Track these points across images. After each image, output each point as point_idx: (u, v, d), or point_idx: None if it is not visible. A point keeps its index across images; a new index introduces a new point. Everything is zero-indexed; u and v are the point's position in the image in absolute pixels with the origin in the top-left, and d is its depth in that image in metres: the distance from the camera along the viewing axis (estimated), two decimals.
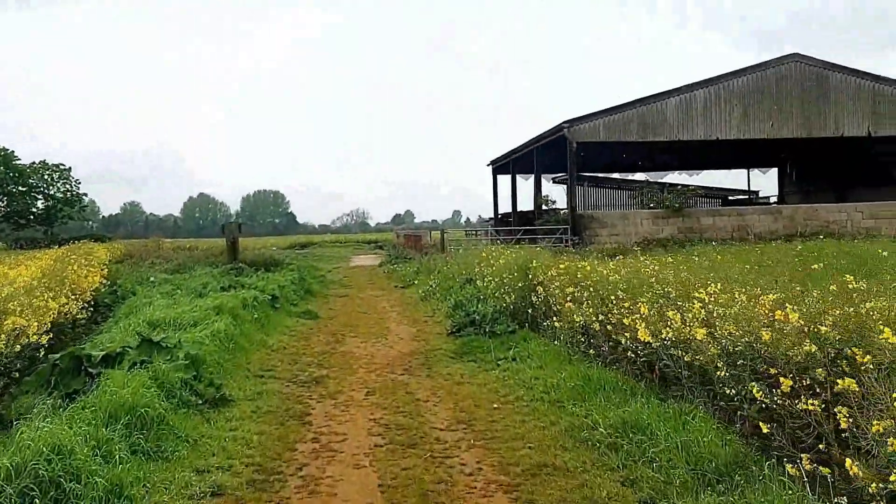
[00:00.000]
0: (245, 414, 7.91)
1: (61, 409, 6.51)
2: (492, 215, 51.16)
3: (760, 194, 54.94)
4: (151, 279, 19.68)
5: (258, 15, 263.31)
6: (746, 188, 55.11)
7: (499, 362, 10.50)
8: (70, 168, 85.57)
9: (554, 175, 52.61)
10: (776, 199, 50.76)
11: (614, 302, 8.79)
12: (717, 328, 6.59)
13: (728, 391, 6.08)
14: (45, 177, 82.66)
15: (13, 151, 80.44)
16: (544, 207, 38.22)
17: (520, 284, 13.49)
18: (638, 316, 7.65)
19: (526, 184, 47.20)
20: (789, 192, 49.85)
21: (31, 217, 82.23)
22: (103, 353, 7.89)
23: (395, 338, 13.70)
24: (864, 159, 39.75)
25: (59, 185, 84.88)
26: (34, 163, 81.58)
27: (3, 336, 7.57)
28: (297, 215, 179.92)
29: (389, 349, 12.50)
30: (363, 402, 8.67)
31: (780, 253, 19.39)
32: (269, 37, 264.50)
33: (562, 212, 38.23)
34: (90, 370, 7.58)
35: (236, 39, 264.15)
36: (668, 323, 7.10)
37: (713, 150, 42.05)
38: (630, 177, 54.28)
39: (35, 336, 8.14)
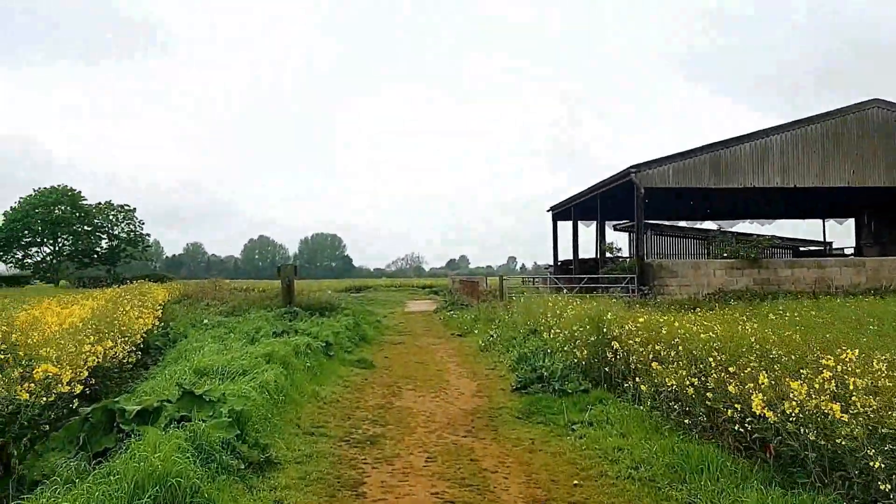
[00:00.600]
0: (292, 481, 6.99)
1: (86, 474, 5.71)
2: (550, 262, 50.04)
3: (835, 246, 52.52)
4: (205, 321, 19.14)
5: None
6: (822, 239, 52.78)
7: (573, 426, 9.38)
8: (135, 209, 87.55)
9: (617, 222, 51.32)
10: (853, 251, 48.30)
11: (713, 365, 7.65)
12: (856, 403, 5.43)
13: (884, 487, 4.89)
14: (111, 217, 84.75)
15: (80, 192, 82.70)
16: (609, 255, 36.90)
17: (592, 339, 12.37)
18: (752, 385, 6.50)
19: (587, 231, 46.05)
20: (867, 244, 47.34)
21: (95, 256, 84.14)
22: (139, 407, 7.09)
23: (455, 392, 12.69)
24: None
25: (123, 225, 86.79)
26: (100, 203, 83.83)
27: (31, 385, 6.86)
28: (354, 258, 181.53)
29: (450, 405, 11.48)
30: (423, 469, 7.67)
31: (876, 309, 17.77)
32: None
33: (627, 260, 36.86)
34: (123, 427, 6.79)
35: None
36: (790, 394, 5.95)
37: (787, 198, 40.37)
38: (698, 225, 52.59)
39: (68, 386, 7.41)
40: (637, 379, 10.24)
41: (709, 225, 52.19)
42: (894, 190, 32.75)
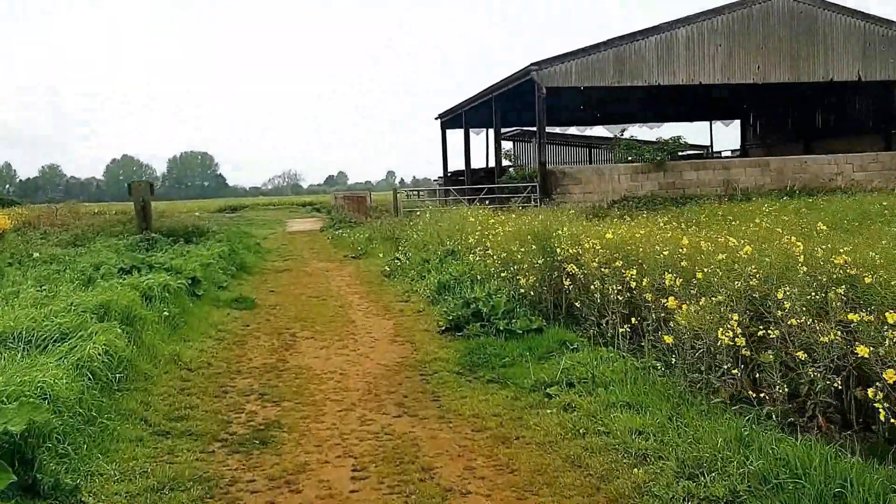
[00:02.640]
0: None
1: None
2: (431, 175, 47.35)
3: (715, 150, 52.39)
4: (35, 255, 15.16)
5: None
6: (706, 143, 52.54)
7: (547, 390, 6.72)
8: None
9: (506, 130, 48.83)
10: (738, 154, 48.23)
11: (783, 304, 5.09)
12: None
13: None
14: None
15: None
16: (508, 163, 34.48)
17: (539, 261, 9.72)
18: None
19: (476, 140, 43.31)
20: (752, 146, 47.40)
21: None
22: None
23: (367, 337, 9.80)
24: (834, 108, 37.30)
25: None
26: None
27: None
28: (227, 178, 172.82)
29: (365, 359, 8.59)
30: (350, 498, 4.78)
31: (796, 213, 16.10)
32: None
33: (525, 168, 34.61)
34: None
35: None
36: None
37: (678, 99, 39.08)
38: (587, 132, 51.05)
39: None
40: (613, 315, 7.74)
41: (598, 132, 50.88)
42: (788, 87, 31.80)
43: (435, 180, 50.62)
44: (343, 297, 13.38)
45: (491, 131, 47.13)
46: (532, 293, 9.66)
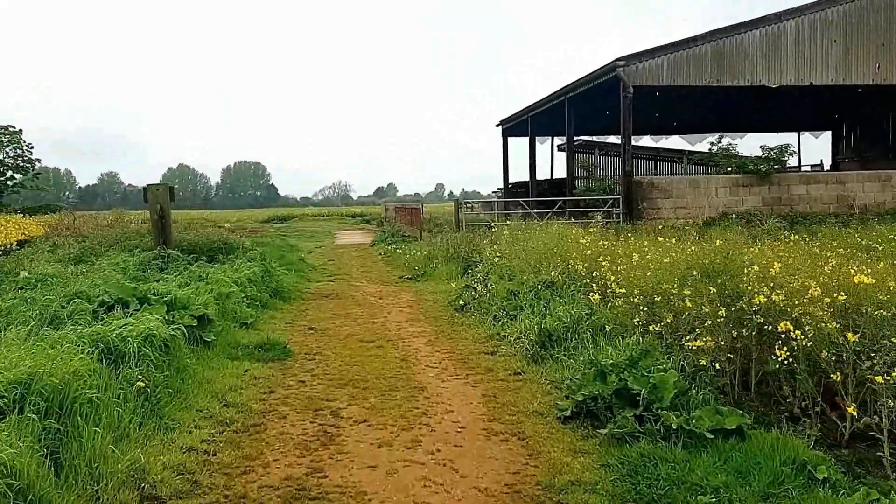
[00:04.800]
0: None
1: None
2: (481, 187, 43.90)
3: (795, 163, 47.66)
4: (23, 274, 12.17)
5: None
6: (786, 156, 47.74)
7: None
8: (21, 130, 76.88)
9: (561, 141, 45.01)
10: (829, 168, 43.57)
11: None
12: None
13: None
14: None
15: None
16: (586, 174, 30.89)
17: (721, 313, 6.15)
18: None
19: (529, 150, 39.57)
20: (845, 160, 42.64)
21: None
22: None
23: (447, 423, 6.34)
24: None
25: (7, 149, 76.11)
26: None
27: None
28: (279, 188, 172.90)
29: (452, 477, 5.14)
30: None
31: None
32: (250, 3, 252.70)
33: (605, 179, 30.94)
34: None
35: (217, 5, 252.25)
36: None
37: (772, 105, 34.91)
38: (660, 144, 46.83)
39: None
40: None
41: (665, 144, 46.63)
42: (875, 95, 27.66)
43: (493, 192, 47.13)
44: (404, 340, 9.95)
45: (550, 141, 43.86)
46: (712, 360, 6.09)
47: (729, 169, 25.93)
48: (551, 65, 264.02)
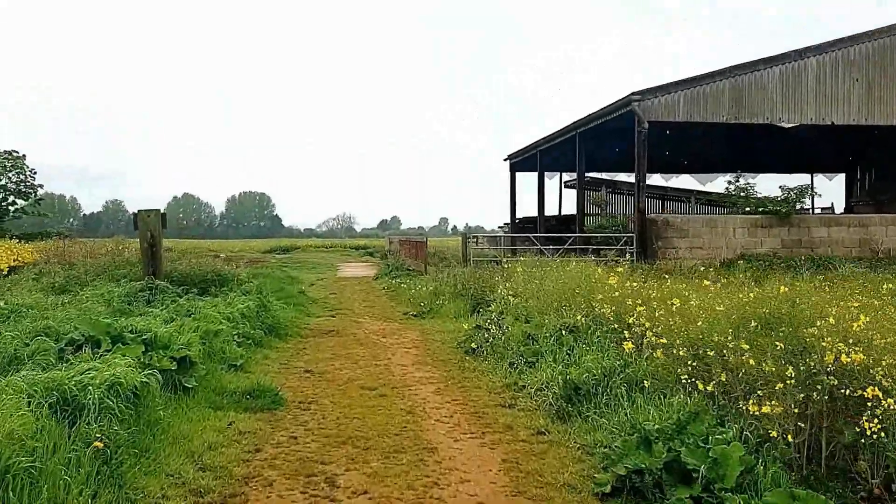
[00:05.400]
0: None
1: None
2: (485, 222, 43.06)
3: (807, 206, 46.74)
4: (0, 304, 11.23)
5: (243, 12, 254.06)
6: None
7: None
8: (24, 156, 76.43)
9: (570, 178, 44.23)
10: (843, 210, 42.67)
11: None
12: None
13: None
14: None
15: None
16: (598, 210, 30.08)
17: (789, 372, 5.19)
18: None
19: (533, 186, 38.76)
20: (859, 203, 41.70)
21: None
22: None
23: (466, 499, 5.34)
24: None
25: (10, 174, 75.54)
26: None
27: None
28: (283, 218, 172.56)
29: None
30: None
31: None
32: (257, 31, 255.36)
33: (616, 217, 30.09)
34: None
35: (224, 33, 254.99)
36: None
37: (786, 145, 34.16)
38: (669, 183, 45.94)
39: None
40: None
41: (680, 183, 45.74)
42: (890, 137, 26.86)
43: (500, 227, 46.24)
44: (410, 388, 8.95)
45: (558, 176, 43.07)
46: (787, 437, 5.09)
47: (747, 209, 25.04)
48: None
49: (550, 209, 40.78)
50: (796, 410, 5.06)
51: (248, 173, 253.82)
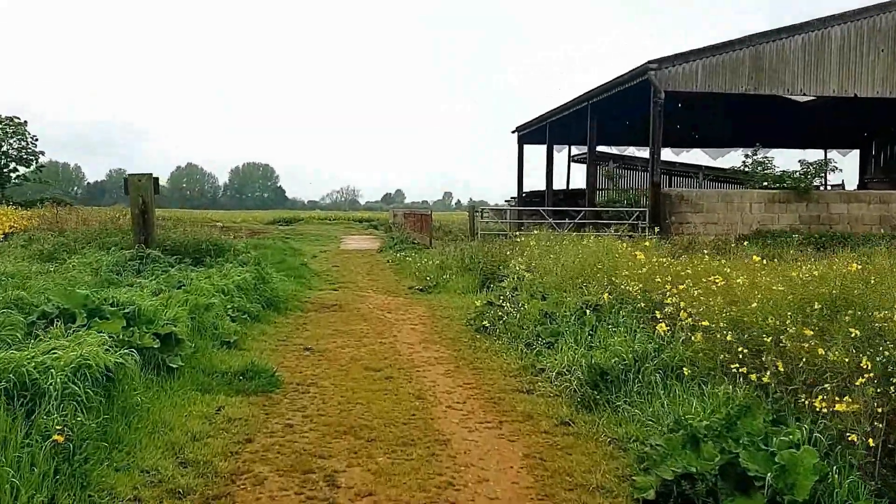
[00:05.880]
0: None
1: None
2: (489, 196, 42.23)
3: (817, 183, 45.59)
4: None
5: None
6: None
7: None
8: (25, 122, 75.41)
9: (578, 151, 43.21)
10: (857, 188, 41.67)
11: None
12: None
13: None
14: None
15: None
16: (610, 184, 29.29)
17: (865, 363, 4.43)
18: None
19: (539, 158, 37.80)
20: (873, 180, 40.65)
21: None
22: None
23: (485, 503, 4.65)
24: None
25: (11, 140, 74.58)
26: None
27: None
28: (287, 190, 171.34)
29: None
30: None
31: None
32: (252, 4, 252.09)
33: (630, 191, 29.26)
34: None
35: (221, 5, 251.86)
36: None
37: (790, 121, 33.18)
38: (680, 159, 44.88)
39: None
40: None
41: (687, 158, 44.67)
42: None
43: (506, 201, 45.35)
44: (418, 369, 8.23)
45: (567, 150, 42.09)
46: (869, 440, 4.35)
47: (765, 184, 24.18)
48: (551, 64, 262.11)
49: (558, 183, 39.96)
50: (879, 409, 4.31)
51: (252, 145, 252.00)
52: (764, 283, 6.30)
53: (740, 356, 5.63)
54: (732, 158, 45.52)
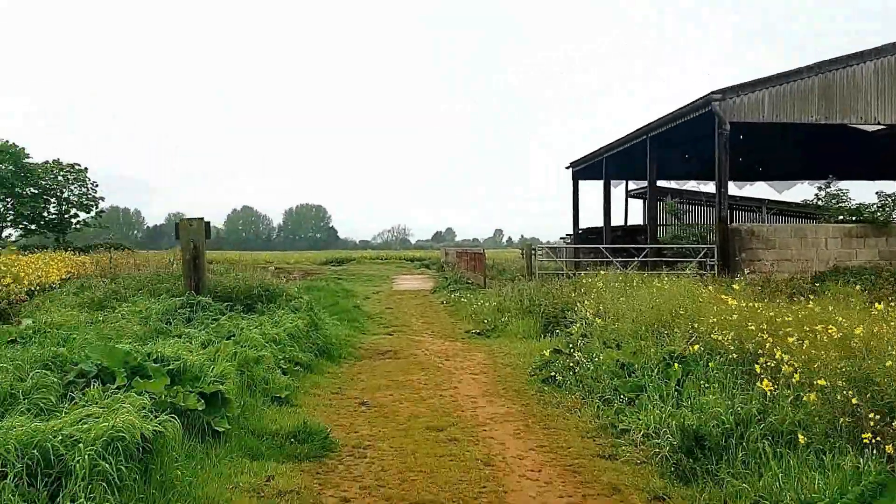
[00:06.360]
0: None
1: None
2: (540, 234, 41.29)
3: None
4: (27, 322, 10.24)
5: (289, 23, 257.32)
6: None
7: None
8: (86, 169, 77.61)
9: (636, 186, 42.14)
10: None
11: None
12: None
13: None
14: (59, 178, 74.63)
15: (24, 149, 72.59)
16: (675, 220, 28.30)
17: None
18: None
19: (594, 194, 36.89)
20: None
21: (43, 222, 74.26)
22: None
23: None
24: None
25: (73, 187, 76.79)
26: (47, 162, 73.59)
27: None
28: (339, 230, 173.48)
29: None
30: None
31: None
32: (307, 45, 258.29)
33: (696, 227, 28.20)
34: None
35: (279, 46, 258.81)
36: None
37: (860, 151, 31.63)
38: (741, 191, 43.39)
39: None
40: None
41: (755, 192, 43.02)
42: None
43: (562, 238, 44.44)
44: (484, 427, 7.49)
45: (624, 185, 41.09)
46: None
47: (840, 217, 22.90)
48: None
49: (614, 219, 38.94)
50: None
51: (306, 186, 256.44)
52: (890, 335, 5.44)
53: (870, 422, 4.78)
54: (798, 191, 44.00)
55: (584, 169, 37.53)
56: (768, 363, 6.32)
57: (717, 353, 7.39)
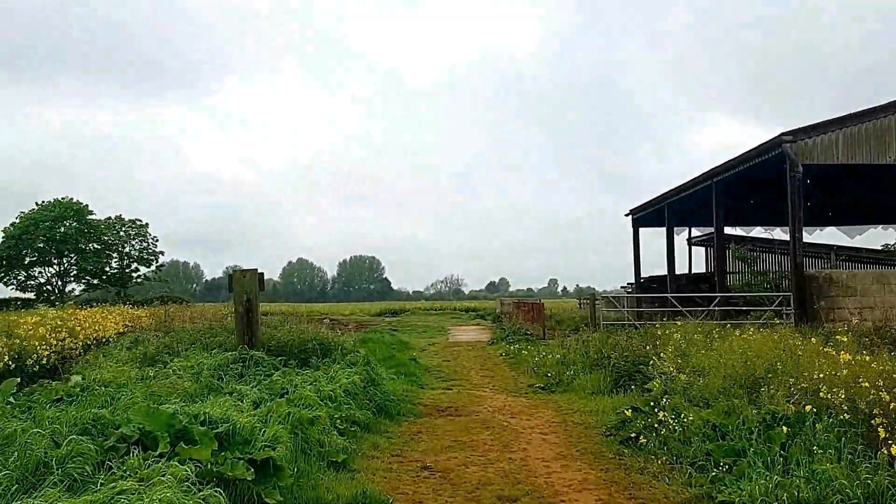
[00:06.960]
0: None
1: None
2: (596, 283, 40.14)
3: None
4: (76, 379, 9.88)
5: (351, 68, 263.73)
6: None
7: None
8: (147, 224, 79.63)
9: (699, 234, 40.85)
10: None
11: None
12: None
13: None
14: (121, 233, 76.74)
15: (87, 206, 74.93)
16: (746, 265, 27.14)
17: None
18: None
19: (656, 242, 35.76)
20: None
21: (105, 277, 76.11)
22: None
23: None
24: None
25: (134, 242, 78.77)
26: (109, 218, 75.82)
27: None
28: (392, 281, 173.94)
29: None
30: None
31: None
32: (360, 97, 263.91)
33: (771, 274, 26.93)
34: None
35: (324, 104, 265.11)
36: None
37: None
38: (810, 237, 41.61)
39: None
40: None
41: (823, 238, 41.22)
42: None
43: (623, 287, 43.31)
44: (562, 497, 6.69)
45: (688, 232, 39.91)
46: None
47: None
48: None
49: (676, 267, 37.72)
50: None
51: (359, 238, 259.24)
52: None
53: None
54: (871, 236, 42.07)
55: (645, 216, 36.61)
56: (892, 425, 5.46)
57: (824, 414, 6.50)
